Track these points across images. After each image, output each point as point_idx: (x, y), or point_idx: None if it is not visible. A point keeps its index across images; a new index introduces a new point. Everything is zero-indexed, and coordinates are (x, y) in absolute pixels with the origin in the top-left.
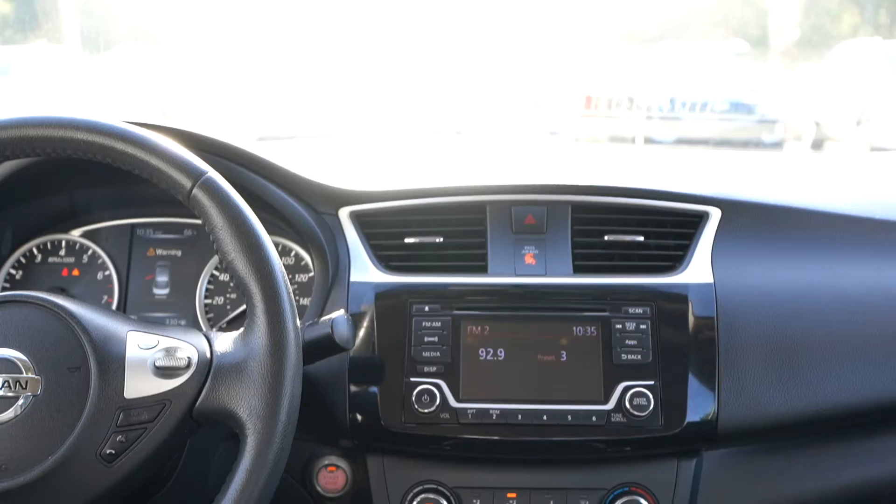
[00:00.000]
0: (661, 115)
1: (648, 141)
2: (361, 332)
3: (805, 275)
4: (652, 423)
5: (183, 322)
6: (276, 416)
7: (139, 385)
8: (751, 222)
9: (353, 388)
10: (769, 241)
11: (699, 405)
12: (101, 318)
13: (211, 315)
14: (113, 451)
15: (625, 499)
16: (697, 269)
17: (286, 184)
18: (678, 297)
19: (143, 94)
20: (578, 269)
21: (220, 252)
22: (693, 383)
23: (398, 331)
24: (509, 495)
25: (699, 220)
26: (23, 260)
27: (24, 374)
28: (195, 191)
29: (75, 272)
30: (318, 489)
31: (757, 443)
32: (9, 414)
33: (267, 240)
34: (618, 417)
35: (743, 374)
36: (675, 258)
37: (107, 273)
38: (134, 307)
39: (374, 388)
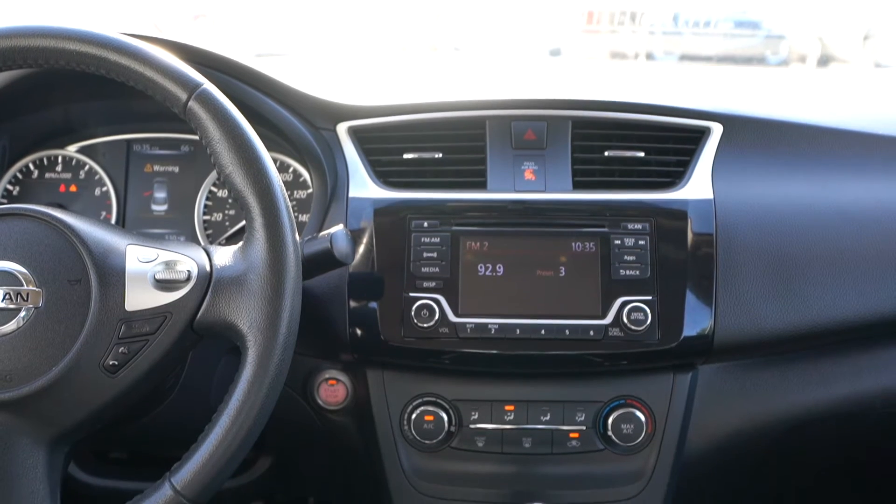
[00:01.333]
0: (664, 31)
1: (650, 57)
2: (360, 248)
3: (805, 191)
4: (649, 338)
5: (182, 238)
6: (276, 328)
7: (139, 298)
8: (752, 138)
9: (352, 304)
10: (770, 157)
11: (696, 320)
12: (99, 231)
13: (210, 232)
14: (116, 363)
15: (621, 411)
16: (697, 185)
17: (284, 98)
18: (677, 214)
19: (136, 7)
20: (578, 185)
21: (218, 165)
22: (690, 298)
23: (397, 246)
24: (507, 407)
25: (700, 135)
26: (19, 176)
27: (25, 287)
28: (191, 103)
29: (73, 188)
30: (319, 402)
31: (752, 357)
32: (11, 326)
33: (265, 153)
34: (615, 332)
35: (740, 289)
36: (676, 174)
37: (104, 189)
38: (132, 223)
39: (373, 304)
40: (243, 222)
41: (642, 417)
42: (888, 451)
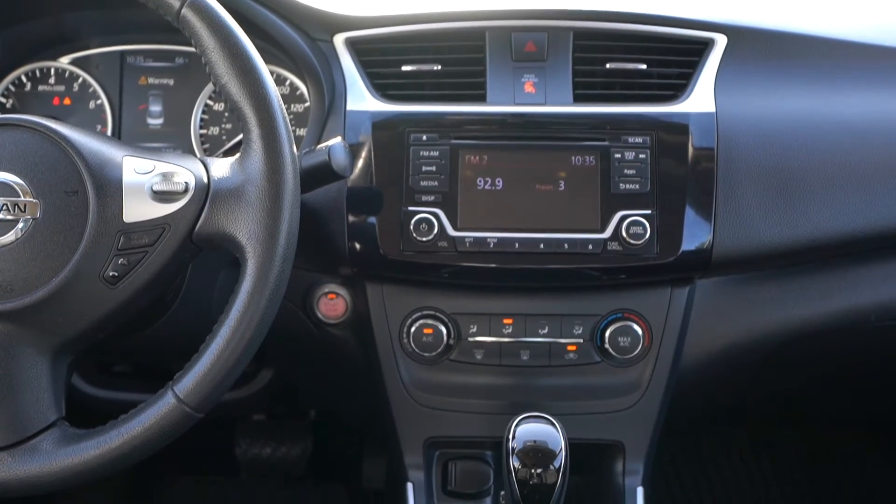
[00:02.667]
0: None
1: None
2: (359, 162)
3: (808, 104)
4: (647, 252)
5: (178, 151)
6: (275, 239)
7: (137, 209)
8: (756, 50)
9: (351, 218)
10: (774, 69)
11: (695, 234)
12: (95, 142)
13: (207, 146)
14: (116, 274)
15: (618, 324)
16: (699, 99)
17: (279, 8)
18: (679, 127)
19: None
20: (579, 98)
21: (213, 76)
22: (690, 213)
23: (396, 160)
24: (505, 321)
25: (704, 47)
26: (12, 88)
27: (22, 198)
28: (184, 10)
29: (66, 101)
30: (319, 316)
31: (750, 271)
32: (10, 237)
33: (261, 62)
34: (614, 246)
35: (740, 203)
36: (678, 87)
37: (99, 102)
38: (128, 137)
39: (372, 218)
40: (240, 136)
41: (639, 331)
42: (882, 362)
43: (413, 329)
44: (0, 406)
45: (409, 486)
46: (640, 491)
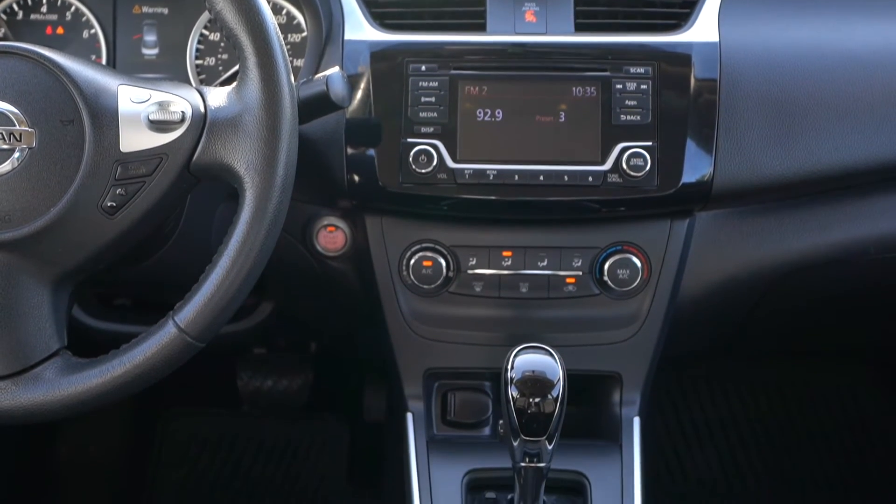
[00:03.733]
0: None
1: None
2: (357, 94)
3: (814, 34)
4: (647, 184)
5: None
6: (273, 169)
7: (134, 139)
8: None
9: (350, 150)
10: None
11: (695, 166)
12: (90, 71)
13: (203, 77)
14: (114, 204)
15: (617, 257)
16: (703, 28)
17: None
18: (681, 58)
19: None
20: (580, 28)
21: (209, 3)
22: (691, 144)
23: (394, 91)
24: (505, 253)
25: None
26: (3, 16)
27: (18, 127)
28: None
29: (59, 30)
30: (319, 249)
31: (750, 204)
32: (6, 167)
33: None
34: (614, 178)
35: (742, 135)
36: (681, 16)
37: (92, 31)
38: (123, 68)
39: (371, 150)
40: (237, 67)
41: (638, 263)
42: (879, 294)
43: (412, 261)
44: (2, 335)
45: (409, 416)
46: (636, 421)
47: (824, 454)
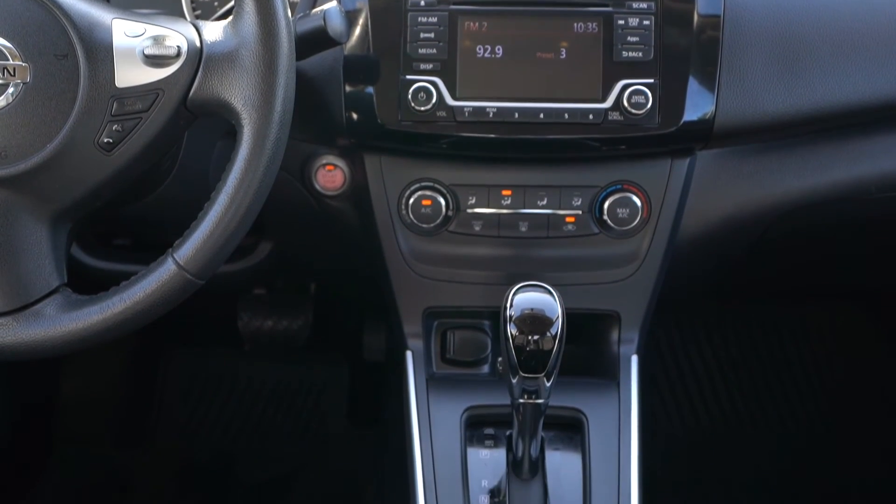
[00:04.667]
0: None
1: None
2: (356, 29)
3: None
4: (649, 122)
5: None
6: (271, 105)
7: (129, 74)
8: None
9: (348, 87)
10: None
11: (697, 104)
12: (83, 4)
13: (198, 12)
14: (110, 140)
15: (617, 196)
16: None
17: None
18: None
19: None
20: None
21: None
22: (693, 82)
23: (393, 27)
24: (504, 192)
25: None
26: None
27: (11, 62)
28: None
29: None
30: (318, 188)
31: (751, 143)
32: (0, 102)
33: None
34: (615, 116)
35: (745, 72)
36: None
37: None
38: (117, 2)
39: (369, 87)
40: (232, 2)
41: (638, 202)
42: (880, 234)
43: (411, 200)
44: (2, 272)
45: (409, 354)
46: (634, 359)
47: (819, 394)
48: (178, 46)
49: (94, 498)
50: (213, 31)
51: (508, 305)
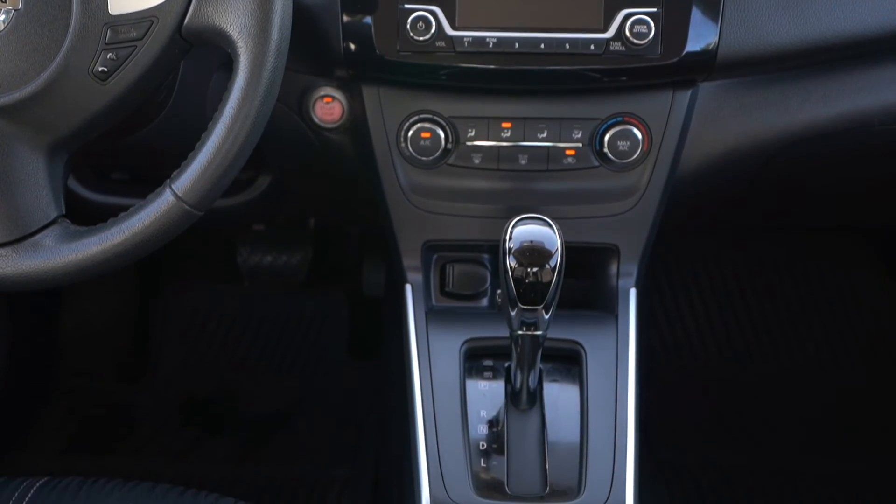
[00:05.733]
0: None
1: None
2: None
3: None
4: (651, 52)
5: None
6: (267, 33)
7: (123, 1)
8: None
9: (345, 17)
10: None
11: (700, 34)
12: None
13: None
14: (105, 69)
15: (617, 128)
16: None
17: None
18: None
19: None
20: None
21: None
22: (696, 11)
23: None
24: (504, 125)
25: None
26: None
27: None
28: None
29: None
30: (316, 120)
31: (754, 74)
32: None
33: None
34: (616, 46)
35: (749, 2)
36: None
37: None
38: None
39: (367, 16)
40: None
41: (639, 135)
42: (881, 167)
43: (410, 133)
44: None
45: (408, 287)
46: (633, 292)
47: (817, 330)
48: None
49: (97, 430)
50: None
51: (508, 238)
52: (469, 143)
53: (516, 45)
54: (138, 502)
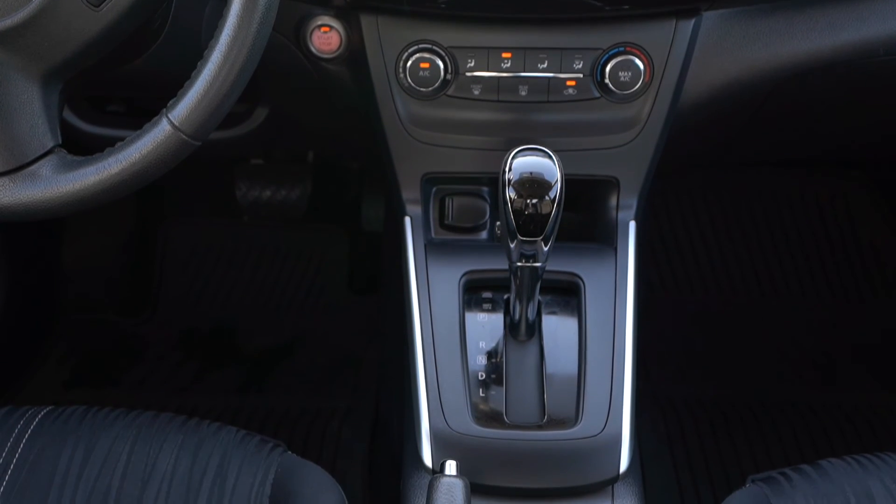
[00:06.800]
0: None
1: None
2: None
3: None
4: None
5: None
6: None
7: None
8: None
9: None
10: None
11: None
12: None
13: None
14: None
15: (619, 59)
16: None
17: None
18: None
19: None
20: None
21: None
22: None
23: None
24: (504, 55)
25: None
26: None
27: None
28: None
29: None
30: (313, 50)
31: (758, 2)
32: None
33: None
34: None
35: None
36: None
37: None
38: None
39: None
40: None
41: (640, 65)
42: (884, 98)
43: (409, 63)
44: None
45: (407, 220)
46: (632, 225)
47: (815, 263)
48: None
49: (100, 363)
50: None
51: (507, 169)
52: (468, 74)
53: None
54: (142, 430)
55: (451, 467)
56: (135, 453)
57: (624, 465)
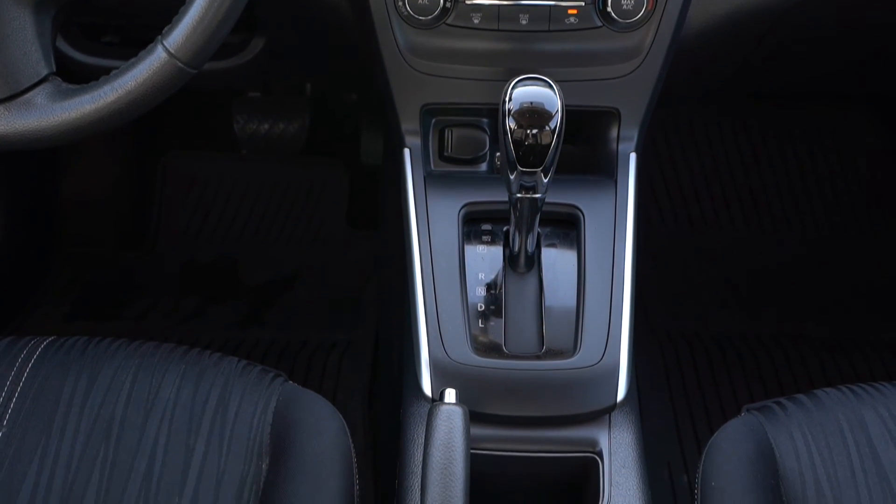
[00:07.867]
0: None
1: None
2: None
3: None
4: None
5: None
6: None
7: None
8: None
9: None
10: None
11: None
12: None
13: None
14: None
15: None
16: None
17: None
18: None
19: None
20: None
21: None
22: None
23: None
24: None
25: None
26: None
27: None
28: None
29: None
30: None
31: None
32: None
33: None
34: None
35: None
36: None
37: None
38: None
39: None
40: None
41: None
42: (888, 30)
43: None
44: None
45: (406, 151)
46: (632, 157)
47: (816, 198)
48: None
49: (100, 296)
50: None
51: (507, 99)
52: (468, 2)
53: None
54: (144, 360)
55: (450, 395)
56: (137, 382)
57: (621, 394)
